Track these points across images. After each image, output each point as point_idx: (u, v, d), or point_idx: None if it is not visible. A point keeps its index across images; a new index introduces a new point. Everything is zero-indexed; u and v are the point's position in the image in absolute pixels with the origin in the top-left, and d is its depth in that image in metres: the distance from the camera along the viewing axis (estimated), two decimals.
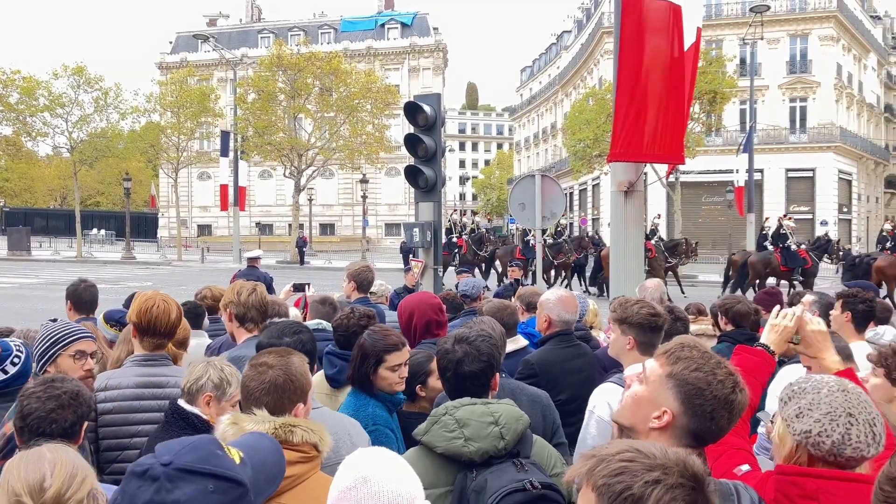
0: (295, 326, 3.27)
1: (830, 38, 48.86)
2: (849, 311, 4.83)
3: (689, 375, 1.91)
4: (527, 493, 2.27)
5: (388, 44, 66.06)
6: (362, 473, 1.69)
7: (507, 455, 2.39)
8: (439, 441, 2.41)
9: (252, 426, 2.22)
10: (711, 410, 1.88)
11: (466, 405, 2.50)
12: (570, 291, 4.48)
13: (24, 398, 2.48)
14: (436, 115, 8.64)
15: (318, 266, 37.39)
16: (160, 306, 3.57)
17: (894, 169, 65.89)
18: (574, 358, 4.14)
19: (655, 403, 1.93)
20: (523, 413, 2.55)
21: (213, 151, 49.87)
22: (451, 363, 2.68)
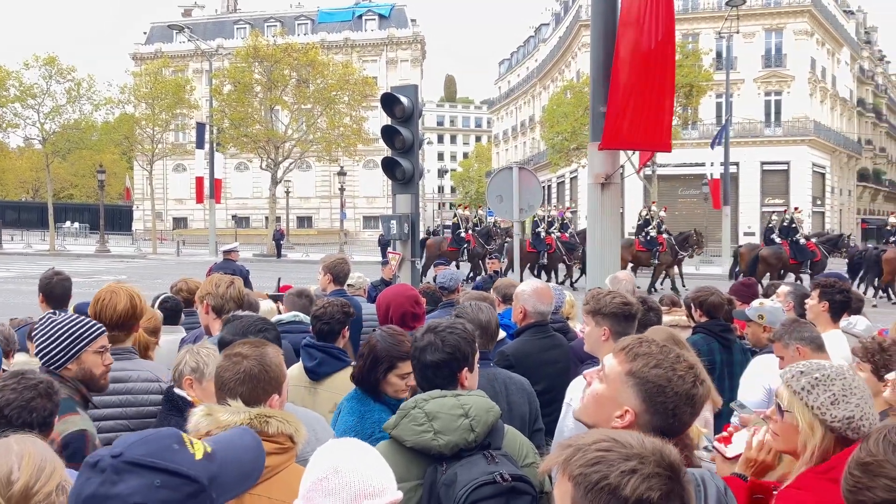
0: (260, 324, 3.24)
1: (805, 32, 49.37)
2: (826, 301, 4.89)
3: (649, 373, 1.88)
4: (497, 486, 2.26)
5: (365, 35, 65.71)
6: (334, 464, 1.68)
7: (477, 447, 2.37)
8: (408, 435, 2.38)
9: (226, 417, 2.21)
10: (674, 407, 1.85)
11: (436, 398, 2.46)
12: (545, 283, 4.49)
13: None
14: (413, 106, 8.60)
15: (295, 259, 37.21)
16: (105, 298, 3.52)
17: (867, 162, 66.89)
18: (549, 349, 4.15)
19: (617, 402, 1.90)
20: (494, 404, 2.52)
21: (188, 143, 49.38)
22: (416, 351, 2.66)
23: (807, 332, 3.93)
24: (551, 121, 41.41)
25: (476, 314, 3.54)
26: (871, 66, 73.06)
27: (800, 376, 2.13)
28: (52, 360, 3.00)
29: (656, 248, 22.98)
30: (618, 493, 1.23)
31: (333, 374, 3.93)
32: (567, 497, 1.29)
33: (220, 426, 2.20)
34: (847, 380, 2.09)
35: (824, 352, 3.93)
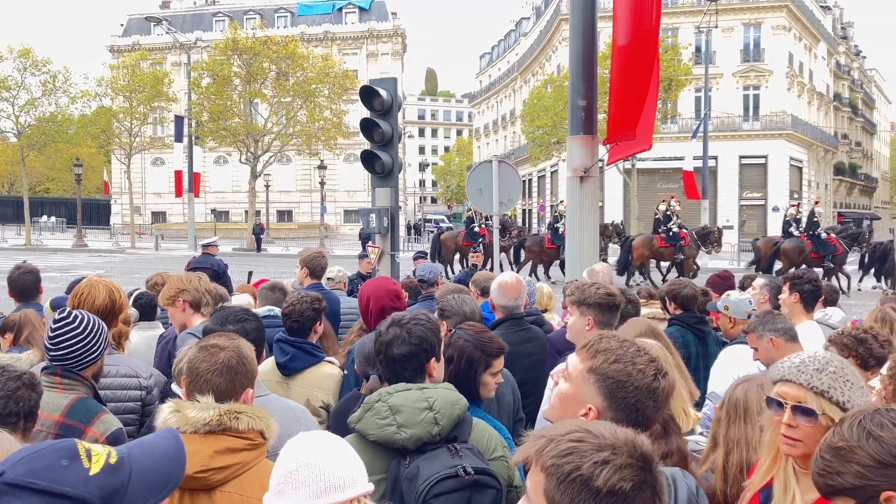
0: (241, 314, 3.20)
1: (782, 27, 49.75)
2: (796, 293, 4.94)
3: (608, 369, 1.86)
4: (459, 479, 2.25)
5: (345, 28, 65.35)
6: (304, 457, 1.68)
7: (442, 441, 2.35)
8: (371, 429, 2.36)
9: (195, 414, 2.18)
10: (635, 402, 1.84)
11: (401, 391, 2.45)
12: (515, 276, 4.50)
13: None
14: (392, 99, 8.56)
15: (275, 253, 37.01)
16: (84, 292, 3.49)
17: (843, 156, 67.65)
18: (524, 342, 4.17)
19: (580, 400, 1.89)
20: (461, 397, 2.51)
21: (167, 137, 48.91)
22: (381, 345, 2.63)
23: (780, 323, 3.97)
24: (532, 115, 41.47)
25: (460, 306, 3.56)
26: (848, 61, 73.82)
27: (819, 374, 2.05)
28: (84, 358, 2.92)
29: (679, 243, 22.58)
30: (590, 484, 1.23)
31: (306, 369, 3.93)
32: (540, 488, 1.28)
33: (188, 423, 2.18)
34: (838, 361, 2.07)
35: (797, 342, 3.97)
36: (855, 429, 1.55)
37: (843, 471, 1.53)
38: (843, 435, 1.56)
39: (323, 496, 1.65)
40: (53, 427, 2.78)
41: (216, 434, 2.18)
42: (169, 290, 4.30)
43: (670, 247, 22.70)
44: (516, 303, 4.31)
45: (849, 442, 1.54)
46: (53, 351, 2.90)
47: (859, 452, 1.52)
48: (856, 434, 1.54)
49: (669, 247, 22.71)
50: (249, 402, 2.36)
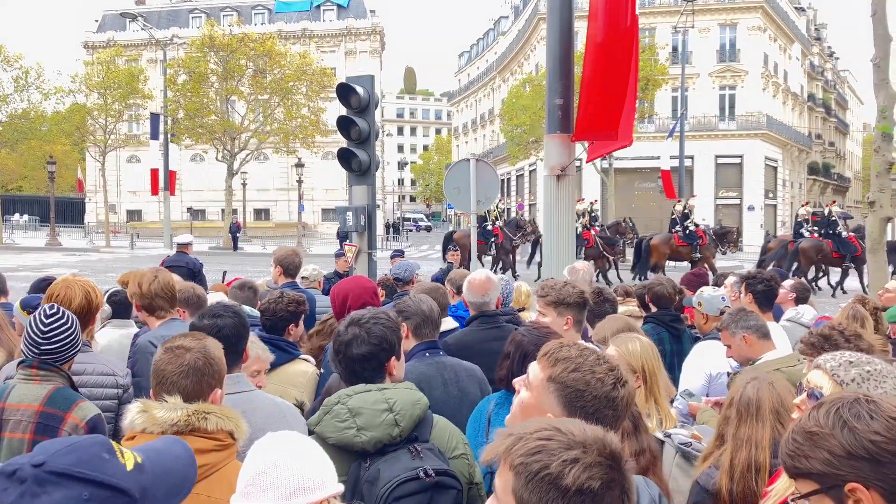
0: (217, 309, 3.16)
1: (758, 28, 50.26)
2: (749, 293, 4.99)
3: (567, 378, 1.84)
4: (420, 482, 2.22)
5: (323, 26, 65.02)
6: (272, 458, 1.65)
7: (402, 441, 2.33)
8: (331, 431, 2.33)
9: (162, 414, 2.14)
10: (594, 411, 1.80)
11: (360, 392, 2.41)
12: (484, 274, 4.48)
13: None
14: (369, 97, 8.53)
15: (252, 252, 36.77)
16: (62, 292, 3.45)
17: (817, 156, 68.47)
18: (492, 340, 4.16)
19: (541, 409, 1.86)
20: (422, 396, 2.49)
21: (142, 134, 48.39)
22: (340, 346, 2.58)
23: (752, 320, 4.00)
24: (510, 113, 41.58)
25: (417, 305, 3.53)
26: (821, 62, 74.73)
27: (848, 367, 2.02)
28: (65, 352, 3.04)
29: (696, 242, 22.28)
30: (558, 483, 1.22)
31: (281, 366, 3.90)
32: (508, 487, 1.27)
33: (156, 423, 2.14)
34: (882, 366, 2.00)
35: (769, 340, 4.01)
36: (831, 416, 1.51)
37: (811, 455, 1.51)
38: (819, 420, 1.53)
39: (292, 498, 1.62)
40: (34, 416, 2.86)
41: (184, 435, 2.14)
42: (129, 289, 4.29)
43: (688, 245, 22.37)
44: (483, 299, 4.30)
45: (822, 428, 1.51)
46: (45, 345, 2.98)
47: (831, 441, 1.49)
48: (831, 421, 1.51)
49: (687, 245, 22.38)
50: (218, 403, 2.32)
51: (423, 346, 3.48)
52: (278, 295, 4.12)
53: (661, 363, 3.30)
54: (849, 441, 1.46)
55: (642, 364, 3.17)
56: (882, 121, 9.83)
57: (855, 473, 1.46)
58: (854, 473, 1.46)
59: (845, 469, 1.47)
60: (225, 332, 2.89)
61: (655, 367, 3.19)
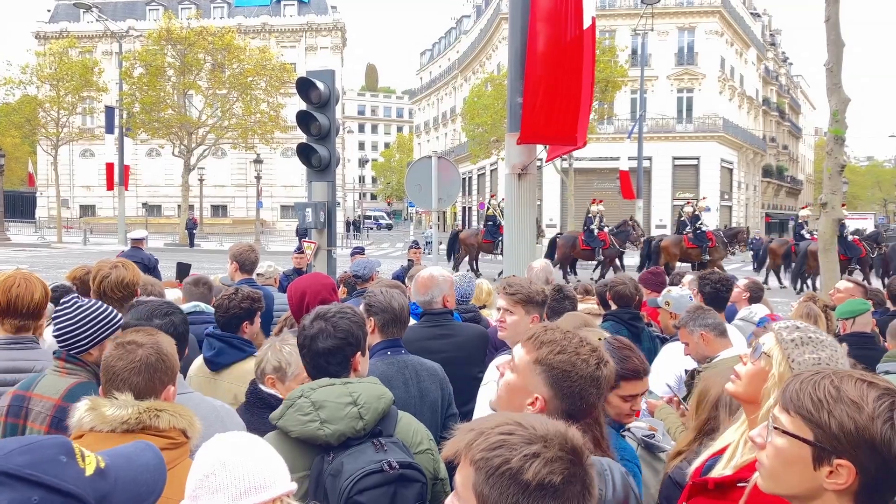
0: (166, 307, 3.07)
1: (715, 32, 51.15)
2: (700, 293, 5.06)
3: (553, 359, 1.93)
4: (384, 474, 2.22)
5: (284, 21, 64.33)
6: (221, 458, 1.60)
7: (367, 435, 2.32)
8: (294, 425, 2.31)
9: (112, 412, 2.07)
10: (580, 390, 1.92)
11: (324, 386, 2.40)
12: (429, 272, 4.44)
13: None
14: (330, 91, 8.43)
15: (208, 249, 36.23)
16: (21, 285, 3.33)
17: (770, 159, 69.95)
18: (436, 338, 4.15)
19: (527, 390, 1.95)
20: (386, 391, 2.49)
21: (96, 128, 47.39)
22: (306, 339, 2.56)
23: (710, 318, 4.04)
24: (472, 112, 41.64)
25: (388, 301, 3.50)
26: (776, 67, 76.35)
27: (794, 329, 2.07)
28: (77, 343, 2.94)
29: (706, 244, 22.17)
30: (519, 478, 1.21)
31: (234, 364, 3.83)
32: (469, 482, 1.25)
33: (105, 421, 2.06)
34: (837, 353, 2.02)
35: (727, 337, 4.05)
36: (883, 405, 1.45)
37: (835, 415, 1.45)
38: (866, 397, 1.46)
39: (243, 498, 1.57)
40: (51, 409, 2.79)
41: (135, 433, 2.07)
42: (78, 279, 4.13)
43: (697, 248, 22.25)
44: (425, 297, 4.27)
45: (865, 406, 1.45)
46: (56, 336, 2.96)
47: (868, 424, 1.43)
48: (879, 409, 1.44)
49: (697, 248, 22.27)
50: (171, 400, 2.26)
51: (385, 344, 3.44)
52: (232, 291, 4.03)
53: None
54: (883, 436, 1.42)
55: None
56: (835, 124, 10.04)
57: (858, 457, 1.44)
58: (857, 456, 1.44)
59: (854, 449, 1.44)
60: (179, 329, 2.82)
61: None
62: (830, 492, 1.48)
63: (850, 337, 4.80)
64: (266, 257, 8.62)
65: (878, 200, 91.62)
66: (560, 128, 6.89)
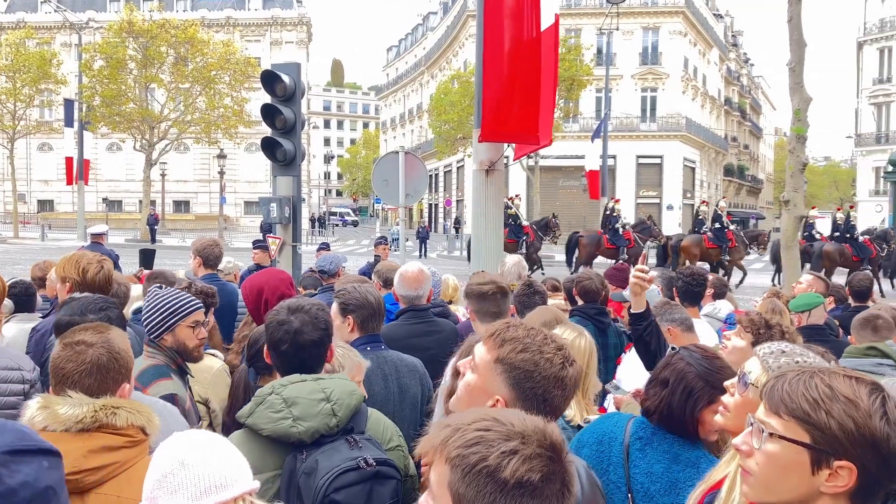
0: (101, 302, 2.95)
1: (679, 32, 51.76)
2: (674, 288, 5.09)
3: (515, 358, 1.78)
4: (361, 472, 2.17)
5: (248, 14, 63.54)
6: (179, 457, 1.54)
7: (340, 432, 2.27)
8: (265, 422, 2.24)
9: (66, 410, 1.97)
10: (543, 391, 1.77)
11: (295, 382, 2.33)
12: (417, 267, 4.43)
13: None
14: (295, 85, 8.30)
15: (170, 245, 35.67)
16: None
17: (732, 158, 71.07)
18: (421, 335, 4.11)
19: (487, 391, 1.81)
20: (357, 387, 2.44)
21: (55, 121, 46.29)
22: (287, 334, 2.47)
23: (677, 313, 4.06)
24: (438, 109, 41.60)
25: (364, 297, 3.45)
26: (738, 68, 77.57)
27: (780, 355, 2.02)
28: (150, 329, 3.17)
29: (726, 244, 22.01)
30: (496, 476, 1.16)
31: None
32: (443, 481, 1.20)
33: (58, 420, 1.97)
34: (813, 359, 1.99)
35: (693, 332, 4.08)
36: (879, 400, 1.42)
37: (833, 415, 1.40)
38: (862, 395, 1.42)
39: (203, 498, 1.51)
40: None
41: (90, 432, 1.99)
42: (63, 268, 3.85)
43: (717, 247, 22.11)
44: (417, 293, 4.24)
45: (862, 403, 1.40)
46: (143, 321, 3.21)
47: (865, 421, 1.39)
48: (875, 405, 1.40)
49: (717, 247, 22.12)
50: (127, 398, 2.17)
51: (365, 339, 3.40)
52: (185, 285, 3.93)
53: (595, 363, 3.29)
54: (882, 433, 1.38)
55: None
56: (797, 123, 10.19)
57: (858, 457, 1.39)
58: (857, 456, 1.39)
59: (855, 449, 1.39)
60: (116, 324, 2.72)
61: (590, 366, 3.18)
62: (827, 495, 1.43)
63: (805, 330, 4.86)
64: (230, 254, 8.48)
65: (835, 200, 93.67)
66: (522, 126, 6.89)
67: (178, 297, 3.22)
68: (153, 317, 3.16)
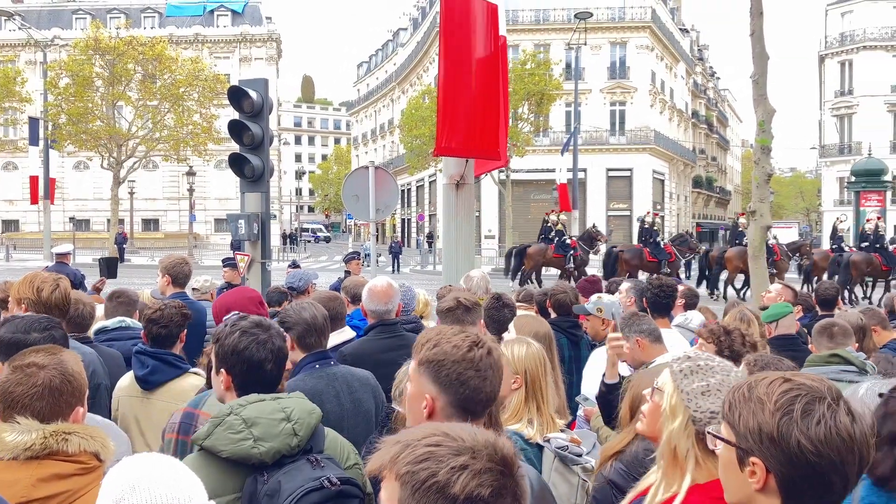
0: (45, 322, 2.84)
1: (646, 46, 52.47)
2: (644, 298, 5.12)
3: (430, 354, 1.93)
4: (325, 492, 2.14)
5: (217, 31, 63.28)
6: (130, 481, 1.47)
7: (300, 452, 2.24)
8: (224, 444, 2.18)
9: (14, 437, 1.89)
10: (457, 375, 1.88)
11: (254, 402, 2.29)
12: (386, 281, 4.39)
13: None
14: (263, 100, 8.25)
15: (139, 264, 35.22)
16: None
17: (700, 170, 72.02)
18: (390, 350, 4.06)
19: (420, 394, 1.94)
20: (315, 406, 2.40)
21: (20, 140, 45.56)
22: (272, 352, 2.47)
23: (645, 324, 4.07)
24: (409, 124, 41.66)
25: (298, 313, 3.38)
26: (704, 81, 78.79)
27: (685, 359, 2.09)
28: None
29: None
30: (446, 492, 1.15)
31: (168, 382, 3.67)
32: (394, 498, 1.19)
33: (5, 448, 1.89)
34: (729, 377, 2.02)
35: (662, 343, 4.08)
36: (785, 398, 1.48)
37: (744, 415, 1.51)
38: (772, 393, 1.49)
39: None
40: (179, 415, 2.82)
41: (40, 459, 1.91)
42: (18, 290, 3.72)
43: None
44: (386, 307, 4.20)
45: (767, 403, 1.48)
46: None
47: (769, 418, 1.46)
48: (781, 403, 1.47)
49: None
50: (80, 422, 2.09)
51: (312, 357, 3.33)
52: (168, 304, 3.85)
53: (550, 372, 3.27)
54: (783, 430, 1.45)
55: (525, 368, 3.14)
56: (761, 134, 10.34)
57: (766, 454, 1.47)
58: (765, 454, 1.47)
59: (759, 445, 1.48)
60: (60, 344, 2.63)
61: (539, 374, 3.15)
62: (760, 495, 1.50)
63: (776, 340, 4.91)
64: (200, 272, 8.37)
65: (801, 210, 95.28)
66: (480, 142, 6.92)
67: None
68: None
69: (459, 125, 6.84)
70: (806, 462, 1.43)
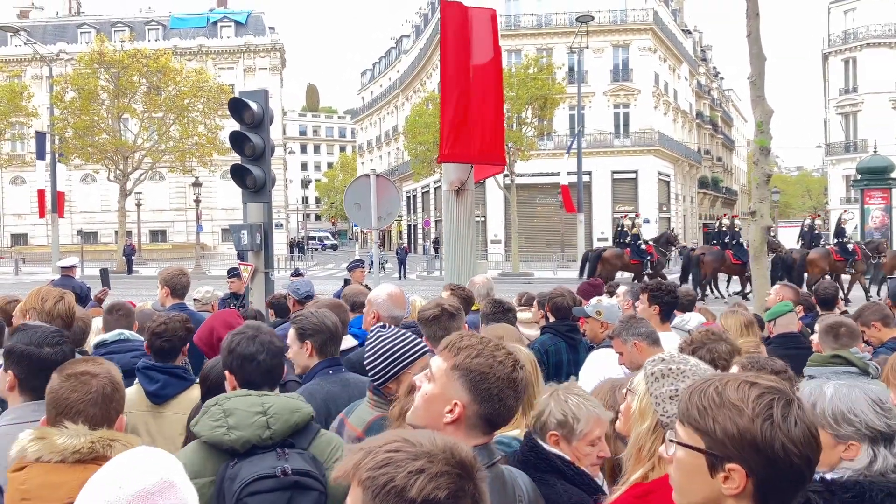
0: (57, 336, 2.92)
1: (648, 48, 52.43)
2: (656, 305, 5.11)
3: (471, 363, 1.94)
4: (278, 480, 2.26)
5: (221, 42, 63.60)
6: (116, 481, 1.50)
7: (273, 445, 2.37)
8: (204, 430, 2.38)
9: (63, 441, 1.99)
10: (498, 392, 1.92)
11: (239, 396, 2.48)
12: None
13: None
14: (263, 111, 8.34)
15: (147, 275, 35.33)
16: None
17: (706, 171, 71.88)
18: None
19: (446, 398, 1.94)
20: (304, 407, 2.52)
21: (27, 154, 45.92)
22: (277, 356, 2.72)
23: (643, 327, 4.10)
24: (413, 131, 41.77)
25: (321, 321, 3.46)
26: (708, 82, 78.69)
27: (658, 362, 2.14)
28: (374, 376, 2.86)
29: (853, 257, 22.09)
30: (404, 495, 1.19)
31: (178, 395, 3.74)
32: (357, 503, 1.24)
33: (55, 450, 1.98)
34: (692, 366, 2.08)
35: (660, 346, 4.11)
36: (763, 403, 1.48)
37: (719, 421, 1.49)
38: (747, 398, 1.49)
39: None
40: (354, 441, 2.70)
41: (86, 463, 1.99)
42: (24, 303, 3.88)
43: (844, 260, 22.15)
44: (405, 313, 4.30)
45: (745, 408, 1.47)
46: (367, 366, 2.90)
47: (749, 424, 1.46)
48: (759, 408, 1.47)
49: (844, 260, 22.16)
50: (122, 430, 2.23)
51: (326, 363, 3.42)
52: (168, 316, 3.91)
53: (541, 376, 3.32)
54: (765, 435, 1.45)
55: None
56: (760, 135, 10.37)
57: (745, 459, 1.47)
58: (744, 459, 1.47)
59: (743, 452, 1.47)
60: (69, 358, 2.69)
61: (531, 379, 3.19)
62: (730, 498, 1.50)
63: (777, 338, 4.93)
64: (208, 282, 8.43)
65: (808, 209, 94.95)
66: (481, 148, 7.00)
67: (404, 341, 2.88)
68: (376, 362, 2.84)
69: (462, 131, 6.91)
70: (789, 464, 1.46)
